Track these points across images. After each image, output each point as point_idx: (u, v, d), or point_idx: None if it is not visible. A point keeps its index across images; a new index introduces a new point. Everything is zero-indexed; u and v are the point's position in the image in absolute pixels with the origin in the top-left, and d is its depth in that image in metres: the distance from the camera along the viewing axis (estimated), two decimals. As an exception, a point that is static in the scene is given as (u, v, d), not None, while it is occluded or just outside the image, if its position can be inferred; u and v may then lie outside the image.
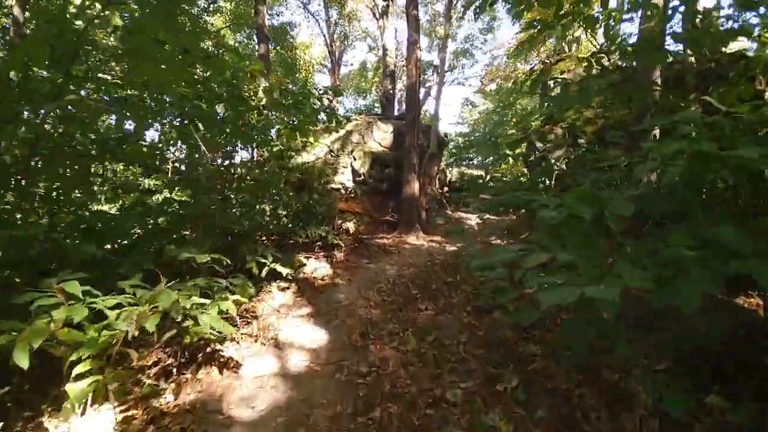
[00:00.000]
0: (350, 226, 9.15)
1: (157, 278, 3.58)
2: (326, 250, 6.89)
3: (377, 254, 7.38)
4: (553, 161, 7.76)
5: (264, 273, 4.87)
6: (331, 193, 9.70)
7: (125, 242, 4.57)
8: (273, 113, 6.56)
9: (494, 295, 3.95)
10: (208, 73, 5.14)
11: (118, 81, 4.14)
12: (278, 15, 23.43)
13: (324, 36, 25.01)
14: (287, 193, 8.96)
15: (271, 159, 8.22)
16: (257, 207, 6.64)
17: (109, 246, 4.38)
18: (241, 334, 3.87)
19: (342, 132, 10.80)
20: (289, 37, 22.01)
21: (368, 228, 9.67)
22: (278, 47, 21.64)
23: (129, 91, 4.41)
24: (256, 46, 14.42)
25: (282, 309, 4.63)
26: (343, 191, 10.68)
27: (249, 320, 4.25)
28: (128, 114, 3.97)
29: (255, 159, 10.87)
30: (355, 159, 10.47)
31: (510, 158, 20.26)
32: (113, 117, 6.08)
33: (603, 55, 3.83)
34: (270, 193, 7.42)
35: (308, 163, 10.04)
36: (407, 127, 9.68)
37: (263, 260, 4.89)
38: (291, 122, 6.55)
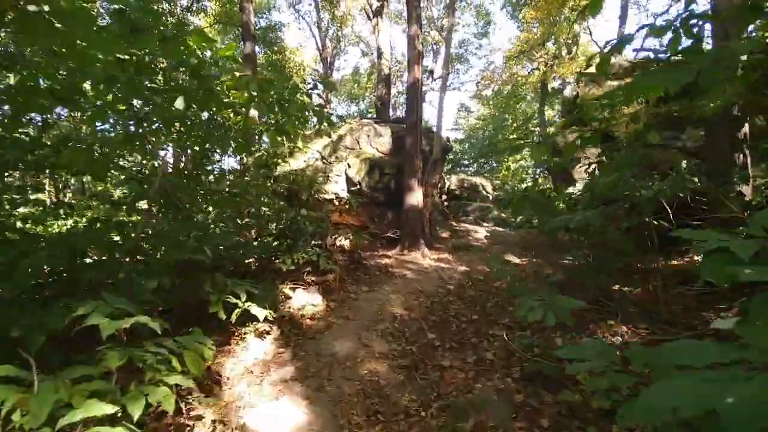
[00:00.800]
0: (345, 243, 8.01)
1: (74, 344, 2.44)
2: (318, 275, 5.73)
3: (378, 278, 6.24)
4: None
5: (235, 317, 3.70)
6: (323, 205, 8.58)
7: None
8: (255, 112, 5.44)
9: (554, 362, 2.80)
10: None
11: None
12: (267, 19, 22.38)
13: (315, 39, 24.02)
14: (274, 206, 7.84)
15: (251, 167, 7.08)
16: (230, 227, 5.49)
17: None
18: (194, 417, 2.70)
19: (334, 136, 9.69)
20: (277, 39, 20.95)
21: (366, 244, 8.54)
22: (266, 49, 20.55)
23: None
24: (242, 45, 13.28)
25: (257, 368, 3.46)
26: (336, 202, 9.55)
27: (208, 389, 3.08)
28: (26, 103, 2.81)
29: (242, 168, 9.72)
30: (349, 166, 9.35)
31: (510, 164, 19.32)
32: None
33: (697, 20, 2.75)
34: (251, 209, 6.28)
35: (297, 171, 8.90)
36: (408, 130, 8.58)
37: (234, 300, 3.72)
38: (276, 122, 5.43)
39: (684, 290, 3.60)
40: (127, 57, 3.74)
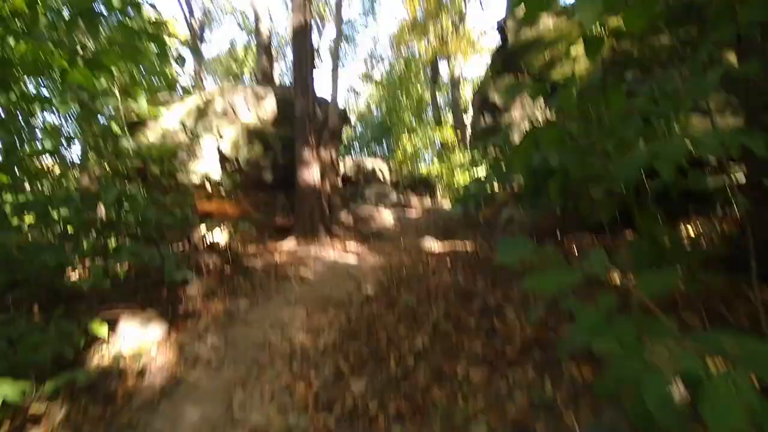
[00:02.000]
0: (220, 239, 5.89)
1: None
2: (166, 290, 3.67)
3: (266, 285, 4.35)
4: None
5: None
6: (185, 191, 6.32)
7: None
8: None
9: None
10: None
11: None
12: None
13: (180, 5, 20.30)
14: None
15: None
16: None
17: None
18: None
19: (199, 99, 7.37)
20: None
21: (251, 235, 6.50)
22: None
23: None
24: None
25: None
26: (207, 185, 7.29)
27: None
28: None
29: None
30: (221, 137, 7.14)
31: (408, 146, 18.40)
32: None
33: None
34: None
35: (148, 144, 6.41)
36: (298, 89, 6.68)
37: None
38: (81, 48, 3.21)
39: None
40: None
